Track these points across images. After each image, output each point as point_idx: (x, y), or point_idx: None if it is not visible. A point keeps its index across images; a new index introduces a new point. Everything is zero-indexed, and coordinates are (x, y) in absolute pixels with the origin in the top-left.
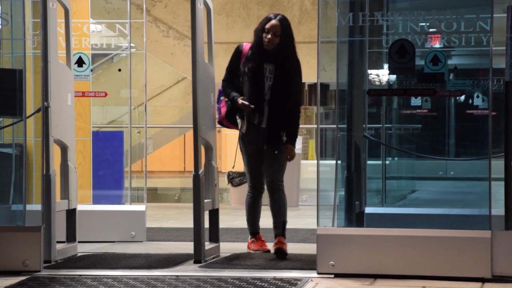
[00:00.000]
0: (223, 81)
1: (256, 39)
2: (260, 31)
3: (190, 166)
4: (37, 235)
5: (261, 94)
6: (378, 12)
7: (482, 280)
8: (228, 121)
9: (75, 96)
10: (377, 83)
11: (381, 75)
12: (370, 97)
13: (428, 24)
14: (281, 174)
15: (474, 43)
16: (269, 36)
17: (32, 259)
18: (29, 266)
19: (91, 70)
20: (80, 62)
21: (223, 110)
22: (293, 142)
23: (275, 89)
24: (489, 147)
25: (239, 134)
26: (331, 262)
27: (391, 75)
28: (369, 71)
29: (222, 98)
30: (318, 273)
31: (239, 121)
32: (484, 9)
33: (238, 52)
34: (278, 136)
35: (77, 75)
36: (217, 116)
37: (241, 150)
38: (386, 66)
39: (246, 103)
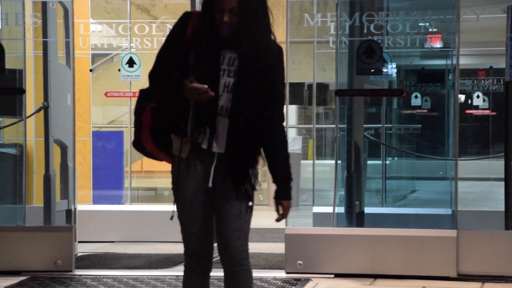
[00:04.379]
0: (151, 74)
1: (205, 17)
2: (208, 4)
3: None
4: (68, 235)
5: (213, 97)
6: (377, 12)
7: (448, 278)
8: (155, 142)
9: (125, 96)
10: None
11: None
12: (339, 97)
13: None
14: (246, 237)
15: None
16: (225, 17)
17: (63, 259)
18: (61, 266)
19: (91, 70)
20: (131, 63)
21: (145, 119)
22: (288, 193)
23: (241, 90)
24: (456, 148)
25: (173, 163)
26: (299, 262)
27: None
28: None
29: (145, 104)
30: (286, 273)
31: (174, 140)
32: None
33: (183, 23)
34: (243, 172)
35: (128, 75)
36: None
37: (173, 192)
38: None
39: (201, 85)
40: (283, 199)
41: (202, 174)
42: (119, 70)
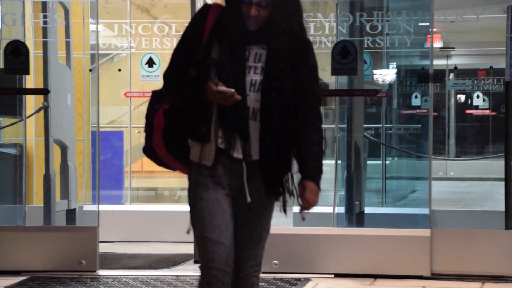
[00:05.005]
0: (167, 73)
1: (230, 9)
2: None
3: None
4: (93, 235)
5: (240, 98)
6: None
7: (422, 277)
8: (168, 147)
9: (144, 96)
10: (380, 82)
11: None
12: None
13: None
14: (260, 261)
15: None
16: (253, 11)
17: (88, 259)
18: (85, 266)
19: (90, 70)
20: (150, 63)
21: (157, 122)
22: (317, 177)
23: (270, 88)
24: (430, 147)
25: (192, 170)
26: (275, 261)
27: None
28: (374, 71)
29: (157, 106)
30: (262, 272)
31: (192, 146)
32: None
33: (202, 17)
34: (280, 180)
35: (148, 75)
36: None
37: (191, 201)
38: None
39: (227, 89)
40: (309, 179)
41: (228, 184)
42: (119, 70)
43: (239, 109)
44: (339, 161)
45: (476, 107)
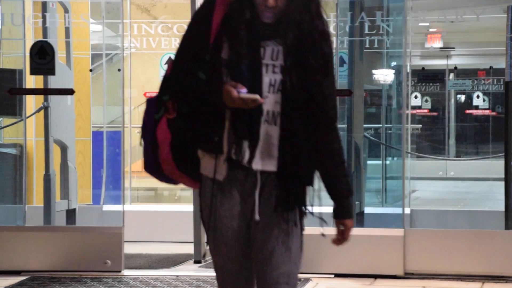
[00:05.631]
0: (170, 77)
1: (242, 0)
2: None
3: None
4: (118, 235)
5: (263, 100)
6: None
7: (395, 277)
8: (176, 162)
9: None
10: (381, 82)
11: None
12: None
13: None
14: (295, 283)
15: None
16: (271, 0)
17: (113, 260)
18: (110, 266)
19: (91, 70)
20: None
21: (161, 135)
22: (350, 210)
23: (293, 88)
24: (403, 146)
25: (203, 186)
26: None
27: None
28: (373, 71)
29: (157, 116)
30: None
31: (203, 158)
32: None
33: (207, 11)
34: (301, 194)
35: None
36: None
37: (205, 222)
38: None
39: (251, 95)
40: (345, 218)
41: (242, 200)
42: (119, 70)
43: (253, 112)
44: None
45: (476, 107)
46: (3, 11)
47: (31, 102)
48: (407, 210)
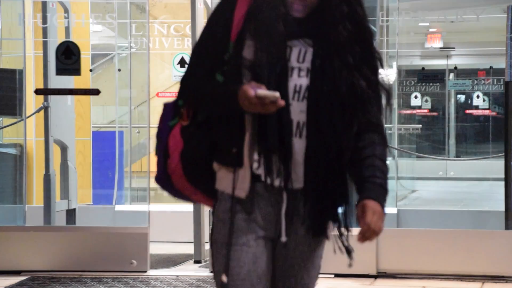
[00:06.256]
0: (186, 79)
1: None
2: None
3: None
4: (144, 235)
5: (282, 109)
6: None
7: (368, 276)
8: (188, 175)
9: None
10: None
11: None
12: None
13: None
14: None
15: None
16: None
17: (139, 260)
18: (136, 266)
19: (91, 70)
20: (182, 63)
21: (173, 144)
22: (381, 195)
23: (321, 96)
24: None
25: (220, 204)
26: None
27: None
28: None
29: (171, 123)
30: (211, 272)
31: (219, 171)
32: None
33: (228, 6)
34: (335, 214)
35: (179, 76)
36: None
37: (211, 242)
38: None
39: (270, 92)
40: (371, 199)
41: (266, 222)
42: (119, 70)
43: (281, 122)
44: None
45: (476, 107)
46: (3, 11)
47: (31, 102)
48: (394, 210)
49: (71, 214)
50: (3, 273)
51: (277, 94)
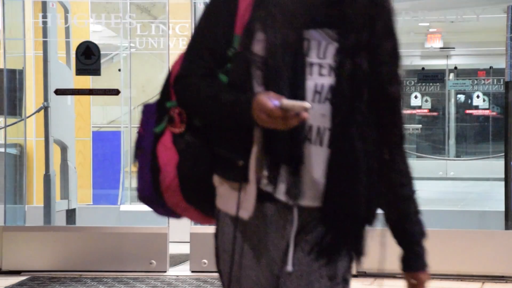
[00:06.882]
0: (180, 78)
1: None
2: None
3: None
4: (163, 235)
5: (308, 116)
6: None
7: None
8: (185, 192)
9: None
10: None
11: None
12: None
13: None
14: None
15: None
16: None
17: (158, 260)
18: (156, 266)
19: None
20: None
21: (164, 156)
22: (423, 261)
23: (346, 98)
24: None
25: (221, 225)
26: (204, 260)
27: None
28: None
29: (157, 129)
30: (192, 272)
31: (220, 187)
32: None
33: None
34: (357, 237)
35: None
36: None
37: (220, 272)
38: None
39: (297, 102)
40: (418, 270)
41: (272, 244)
42: (119, 70)
43: (295, 129)
44: None
45: (476, 107)
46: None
47: (31, 102)
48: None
49: (71, 214)
50: (3, 273)
51: (306, 104)
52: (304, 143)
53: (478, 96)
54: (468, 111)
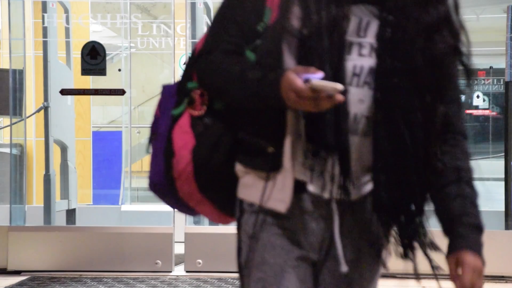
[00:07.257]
0: (204, 55)
1: None
2: None
3: None
4: (169, 235)
5: (343, 99)
6: None
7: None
8: (200, 181)
9: None
10: None
11: None
12: None
13: None
14: None
15: None
16: None
17: (164, 260)
18: (161, 266)
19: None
20: None
21: (180, 139)
22: (479, 244)
23: (392, 82)
24: None
25: (245, 217)
26: (198, 260)
27: None
28: None
29: (176, 111)
30: (186, 271)
31: (245, 176)
32: None
33: None
34: (414, 233)
35: None
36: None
37: (239, 265)
38: None
39: (328, 83)
40: (468, 250)
41: (308, 242)
42: (119, 70)
43: (337, 114)
44: None
45: (476, 107)
46: (3, 11)
47: (31, 102)
48: None
49: (71, 214)
50: (3, 273)
51: (339, 86)
52: (348, 132)
53: (478, 96)
54: (468, 111)
